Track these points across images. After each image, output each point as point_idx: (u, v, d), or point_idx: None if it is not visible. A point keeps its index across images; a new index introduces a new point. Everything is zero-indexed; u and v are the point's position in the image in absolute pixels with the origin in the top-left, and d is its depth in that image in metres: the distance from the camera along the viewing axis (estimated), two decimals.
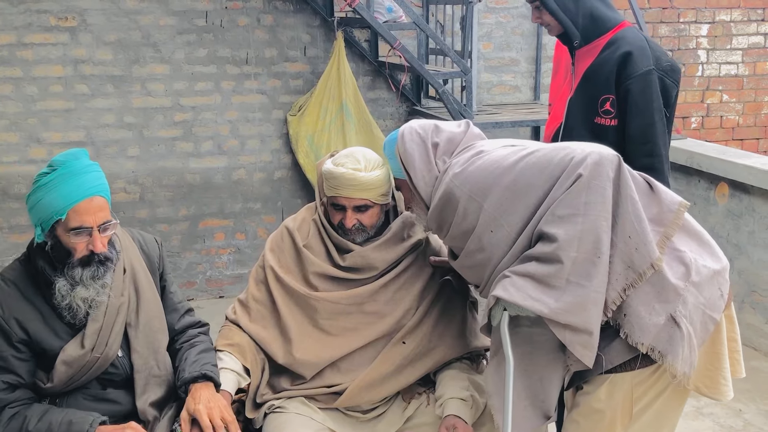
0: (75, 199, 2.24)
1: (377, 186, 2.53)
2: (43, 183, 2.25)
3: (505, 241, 2.19)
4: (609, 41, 2.79)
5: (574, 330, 2.06)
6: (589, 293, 2.04)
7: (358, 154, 2.58)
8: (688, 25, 6.32)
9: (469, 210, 2.24)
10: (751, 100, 6.49)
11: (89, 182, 2.28)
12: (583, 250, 2.04)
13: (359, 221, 2.56)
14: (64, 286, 2.27)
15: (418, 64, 4.85)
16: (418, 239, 2.65)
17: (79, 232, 2.26)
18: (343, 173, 2.51)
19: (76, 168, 2.27)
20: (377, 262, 2.58)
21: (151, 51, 5.23)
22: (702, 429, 3.86)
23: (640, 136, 2.76)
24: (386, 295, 2.58)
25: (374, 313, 2.57)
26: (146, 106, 5.29)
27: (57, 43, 5.10)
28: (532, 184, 2.15)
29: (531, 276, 2.08)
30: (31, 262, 2.35)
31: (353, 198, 2.53)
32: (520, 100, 6.00)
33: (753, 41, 6.46)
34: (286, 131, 5.49)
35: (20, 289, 2.32)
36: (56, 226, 2.26)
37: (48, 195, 2.24)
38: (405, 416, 2.58)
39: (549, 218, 2.08)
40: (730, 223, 4.79)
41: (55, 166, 2.27)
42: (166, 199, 5.43)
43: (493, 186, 2.19)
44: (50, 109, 5.15)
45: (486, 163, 2.24)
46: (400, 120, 5.73)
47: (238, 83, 5.41)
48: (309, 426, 2.46)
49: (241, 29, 5.35)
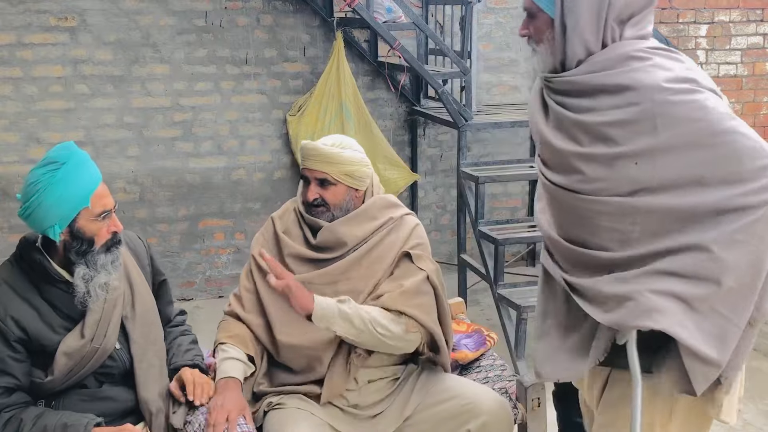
0: (94, 186, 2.31)
1: (339, 162, 2.58)
2: (55, 179, 2.25)
3: (633, 185, 1.91)
4: None
5: (704, 361, 1.92)
6: (731, 327, 1.92)
7: (338, 137, 2.69)
8: (687, 25, 6.33)
9: (636, 128, 1.90)
10: (750, 100, 6.50)
11: (94, 167, 2.35)
12: (740, 282, 1.89)
13: (321, 197, 2.60)
14: (87, 273, 2.32)
15: (417, 65, 4.86)
16: (389, 217, 2.68)
17: (105, 216, 2.33)
18: (306, 144, 2.62)
19: (82, 157, 2.32)
20: (347, 237, 2.61)
21: (151, 51, 5.24)
22: None
23: None
24: (359, 271, 2.61)
25: (349, 291, 2.57)
26: (146, 106, 5.30)
27: (57, 43, 5.10)
28: (723, 168, 1.89)
29: (676, 296, 1.90)
30: (24, 260, 2.36)
31: (314, 170, 2.59)
32: (519, 100, 6.00)
33: (752, 41, 6.47)
34: (285, 131, 5.50)
35: (14, 287, 2.33)
36: (77, 217, 2.29)
37: (67, 188, 2.25)
38: (404, 415, 2.59)
39: (722, 236, 1.88)
40: None
41: (60, 160, 2.28)
42: (166, 198, 5.43)
43: (686, 136, 1.88)
44: (50, 109, 5.16)
45: (697, 109, 1.89)
46: (400, 120, 5.74)
47: (238, 83, 5.41)
48: (310, 420, 2.47)
49: (241, 29, 5.35)
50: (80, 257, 2.32)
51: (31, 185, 2.26)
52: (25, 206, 2.27)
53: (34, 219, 2.28)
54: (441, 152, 5.88)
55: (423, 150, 5.84)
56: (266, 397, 2.57)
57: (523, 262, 6.12)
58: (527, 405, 2.73)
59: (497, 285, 4.57)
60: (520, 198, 6.12)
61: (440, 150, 5.88)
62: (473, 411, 2.55)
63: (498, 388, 2.81)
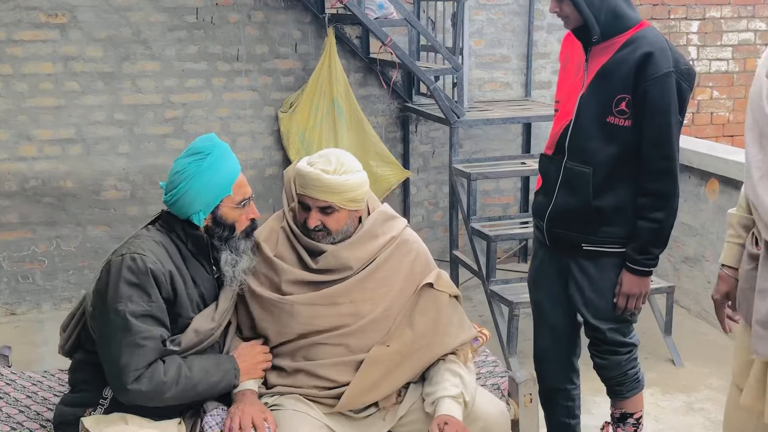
0: (235, 175, 2.48)
1: (344, 191, 2.52)
2: (202, 168, 2.41)
3: None
4: (628, 40, 2.73)
5: None
6: None
7: (332, 155, 2.58)
8: (679, 21, 6.34)
9: None
10: (741, 96, 6.51)
11: (234, 158, 2.51)
12: None
13: (323, 223, 2.55)
14: (232, 258, 2.48)
15: (409, 61, 4.85)
16: (391, 236, 2.65)
17: (244, 203, 2.50)
18: (310, 172, 2.52)
19: (225, 148, 2.49)
20: (351, 261, 2.57)
21: (142, 48, 5.22)
22: (693, 425, 3.88)
23: (658, 139, 2.71)
24: (363, 294, 2.57)
25: (352, 314, 2.56)
26: (137, 103, 5.28)
27: (47, 40, 5.08)
28: None
29: None
30: (176, 233, 2.47)
31: (317, 199, 2.53)
32: (511, 96, 6.00)
33: (743, 38, 6.49)
34: (277, 128, 5.49)
35: (169, 252, 2.43)
36: (219, 204, 2.45)
37: (213, 177, 2.42)
38: (398, 414, 2.58)
39: None
40: (721, 219, 4.80)
41: (205, 151, 2.44)
42: (157, 196, 5.41)
43: None
44: (40, 107, 5.13)
45: None
46: (392, 117, 5.74)
47: (229, 80, 5.40)
48: (307, 422, 2.46)
49: (232, 26, 5.34)
50: (223, 243, 2.48)
51: (178, 174, 2.43)
52: (173, 193, 2.43)
53: (181, 205, 2.43)
54: (433, 149, 5.88)
55: (415, 147, 5.83)
56: (262, 398, 2.56)
57: (515, 259, 6.13)
58: (519, 401, 2.73)
59: (489, 281, 4.58)
60: (512, 194, 6.12)
61: (432, 147, 5.88)
62: (470, 416, 2.55)
63: (490, 385, 2.82)
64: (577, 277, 2.92)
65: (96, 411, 2.38)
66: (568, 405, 3.22)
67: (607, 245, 2.84)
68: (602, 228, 2.83)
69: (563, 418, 3.25)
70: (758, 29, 6.51)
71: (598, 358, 3.00)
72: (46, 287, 5.33)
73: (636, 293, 2.85)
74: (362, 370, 2.52)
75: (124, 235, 5.32)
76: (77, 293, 5.34)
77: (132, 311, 2.30)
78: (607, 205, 2.80)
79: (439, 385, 2.53)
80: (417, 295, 2.61)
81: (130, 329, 2.29)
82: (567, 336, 3.12)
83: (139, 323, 2.30)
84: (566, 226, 2.89)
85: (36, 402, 2.72)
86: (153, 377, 2.31)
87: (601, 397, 3.38)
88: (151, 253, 2.36)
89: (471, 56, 5.73)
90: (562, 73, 3.01)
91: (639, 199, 2.79)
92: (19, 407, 2.67)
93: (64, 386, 2.83)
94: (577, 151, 2.82)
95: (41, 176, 5.19)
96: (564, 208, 2.88)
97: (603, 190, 2.79)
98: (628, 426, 3.04)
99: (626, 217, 2.81)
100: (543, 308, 3.11)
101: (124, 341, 2.29)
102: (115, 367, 2.31)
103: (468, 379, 2.58)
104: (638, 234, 2.80)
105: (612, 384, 3.02)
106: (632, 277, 2.84)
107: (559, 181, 2.88)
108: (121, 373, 2.29)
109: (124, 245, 2.41)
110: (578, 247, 2.88)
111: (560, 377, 3.17)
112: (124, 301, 2.30)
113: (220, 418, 2.44)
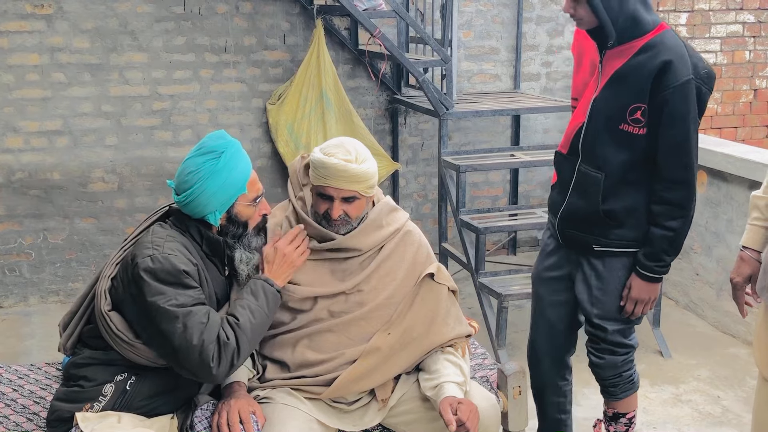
0: (249, 172, 2.46)
1: (367, 178, 2.53)
2: (218, 168, 2.37)
3: None
4: (645, 45, 2.66)
5: None
6: None
7: (348, 145, 2.57)
8: (668, 13, 6.34)
9: None
10: (730, 88, 6.52)
11: (246, 155, 2.48)
12: None
13: (345, 212, 2.56)
14: (246, 256, 2.48)
15: (398, 53, 4.84)
16: (396, 227, 2.67)
17: (258, 200, 2.49)
18: (336, 164, 2.48)
19: (237, 145, 2.45)
20: (360, 245, 2.60)
21: (129, 39, 5.18)
22: (681, 416, 3.89)
23: (676, 148, 2.67)
24: (369, 283, 2.60)
25: (358, 303, 2.59)
26: (124, 94, 5.24)
27: (33, 31, 5.03)
28: None
29: None
30: (190, 233, 2.45)
31: (342, 189, 2.51)
32: (500, 88, 6.00)
33: (731, 30, 6.49)
34: (265, 120, 5.46)
35: (189, 251, 2.40)
36: (234, 203, 2.43)
37: (229, 176, 2.39)
38: (390, 405, 2.60)
39: None
40: (709, 211, 4.82)
41: (218, 149, 2.40)
42: (145, 188, 5.39)
43: None
44: (26, 98, 5.09)
45: None
46: (380, 109, 5.72)
47: (217, 71, 5.37)
48: (296, 416, 2.46)
49: (220, 17, 5.31)
50: (236, 240, 2.48)
51: (192, 173, 2.38)
52: (187, 193, 2.38)
53: (196, 205, 2.39)
54: (422, 141, 5.87)
55: (404, 139, 5.82)
56: (254, 391, 2.56)
57: (504, 251, 6.13)
58: (508, 393, 2.73)
59: (478, 273, 4.58)
60: (501, 186, 6.12)
61: (421, 139, 5.87)
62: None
63: (479, 377, 2.82)
64: (586, 274, 2.91)
65: (95, 406, 2.35)
66: (560, 401, 3.22)
67: (618, 247, 2.83)
68: (614, 231, 2.81)
69: (555, 413, 3.25)
70: (746, 21, 6.51)
71: (595, 356, 2.97)
72: (33, 280, 5.29)
73: (645, 299, 2.84)
74: (362, 356, 2.53)
75: (112, 227, 5.33)
76: (64, 286, 5.32)
77: (182, 303, 2.28)
78: (617, 209, 2.78)
79: (441, 371, 2.56)
80: (418, 286, 2.63)
81: (179, 316, 2.26)
82: (564, 334, 3.11)
83: (189, 308, 2.28)
84: (578, 228, 2.88)
85: (22, 395, 2.71)
86: (226, 348, 2.29)
87: (591, 389, 3.39)
88: (179, 253, 2.34)
89: (460, 48, 5.72)
90: (577, 68, 2.94)
91: (654, 206, 2.76)
92: (5, 401, 2.66)
93: (51, 379, 2.82)
94: (591, 156, 2.79)
95: (28, 168, 5.15)
96: (576, 210, 2.86)
97: (612, 194, 2.77)
98: (620, 425, 3.04)
99: (638, 220, 2.79)
100: (543, 303, 3.10)
101: (187, 326, 2.26)
102: (192, 355, 2.27)
103: (467, 371, 2.62)
104: (651, 241, 2.77)
105: (606, 384, 3.01)
106: (642, 283, 2.82)
107: (573, 183, 2.87)
108: (200, 354, 2.26)
109: (148, 246, 2.35)
110: (589, 248, 2.87)
111: (553, 373, 3.17)
112: (170, 296, 2.27)
113: (209, 413, 2.43)
